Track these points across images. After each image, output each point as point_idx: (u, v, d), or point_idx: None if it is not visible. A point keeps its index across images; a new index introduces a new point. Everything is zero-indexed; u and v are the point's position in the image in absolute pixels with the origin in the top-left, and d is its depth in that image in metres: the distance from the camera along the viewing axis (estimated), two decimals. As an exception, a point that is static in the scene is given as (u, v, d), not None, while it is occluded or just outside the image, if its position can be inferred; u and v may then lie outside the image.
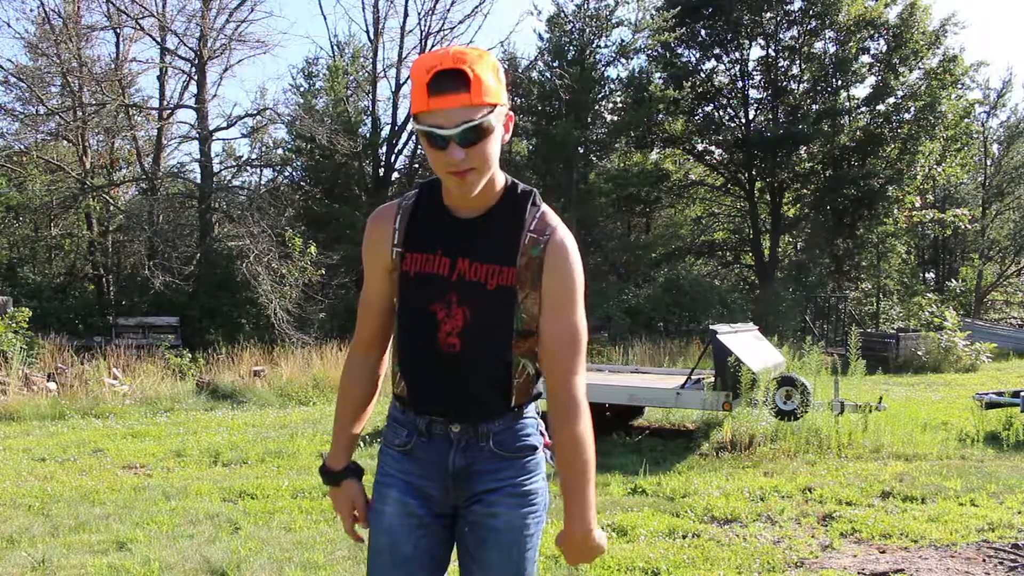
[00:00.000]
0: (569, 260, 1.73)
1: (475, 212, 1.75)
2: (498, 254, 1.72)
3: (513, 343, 1.75)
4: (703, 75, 24.61)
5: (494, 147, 1.66)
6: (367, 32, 22.66)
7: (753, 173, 24.56)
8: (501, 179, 1.75)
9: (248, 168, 23.24)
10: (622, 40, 21.74)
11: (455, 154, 1.60)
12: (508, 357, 1.75)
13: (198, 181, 19.65)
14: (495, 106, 1.62)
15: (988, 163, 30.92)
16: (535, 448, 1.84)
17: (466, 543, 1.83)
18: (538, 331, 1.74)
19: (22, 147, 19.05)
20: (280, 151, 23.05)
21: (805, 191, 25.18)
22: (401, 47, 22.39)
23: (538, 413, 1.88)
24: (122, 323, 16.33)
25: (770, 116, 24.76)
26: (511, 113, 1.70)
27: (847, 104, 24.38)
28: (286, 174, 23.32)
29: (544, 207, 1.79)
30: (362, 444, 7.65)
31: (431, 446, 1.81)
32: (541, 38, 22.30)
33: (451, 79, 1.58)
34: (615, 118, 22.95)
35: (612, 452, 7.19)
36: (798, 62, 24.34)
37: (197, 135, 19.04)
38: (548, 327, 1.72)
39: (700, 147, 25.71)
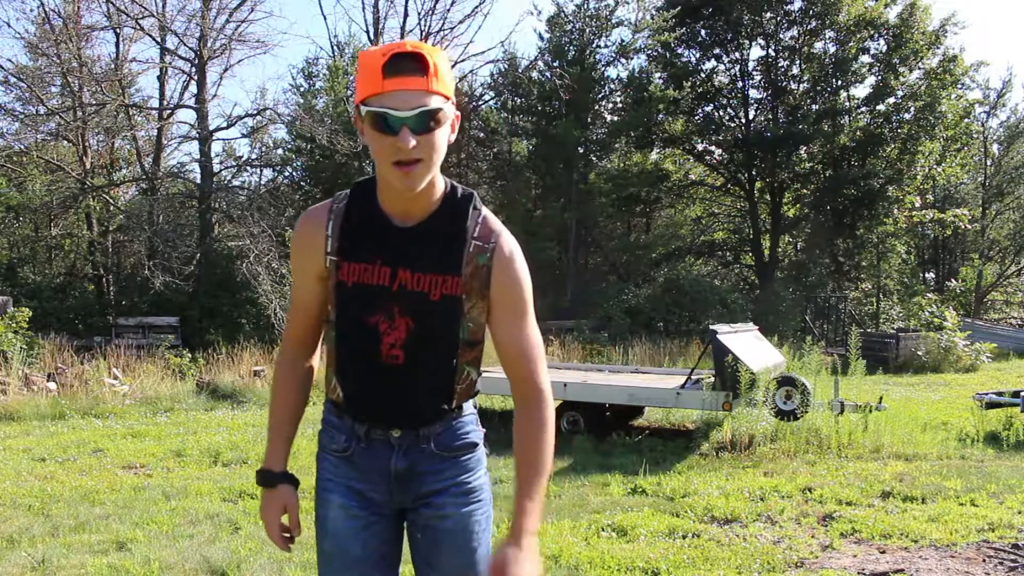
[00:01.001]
0: (516, 267, 1.70)
1: (414, 219, 1.66)
2: (442, 263, 1.65)
3: (459, 352, 1.71)
4: (703, 75, 24.62)
5: (443, 141, 1.58)
6: (367, 32, 22.67)
7: (753, 173, 24.56)
8: (441, 183, 1.68)
9: (248, 168, 23.25)
10: (622, 40, 21.76)
11: (407, 140, 1.51)
12: (452, 367, 1.71)
13: (198, 181, 19.65)
14: (448, 99, 1.57)
15: (988, 163, 30.92)
16: (475, 444, 1.81)
17: (419, 548, 1.80)
18: (488, 341, 1.75)
19: (22, 147, 19.05)
20: (280, 151, 23.06)
21: (805, 191, 25.18)
22: (401, 47, 22.42)
23: (475, 407, 1.86)
24: (122, 323, 16.33)
25: (770, 116, 24.76)
26: (459, 114, 1.64)
27: (847, 104, 24.38)
28: (286, 174, 23.33)
29: (485, 211, 1.71)
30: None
31: (371, 451, 1.76)
32: (541, 38, 22.33)
33: (409, 62, 1.52)
34: (615, 118, 22.96)
35: (612, 452, 7.19)
36: (798, 62, 24.34)
37: (197, 135, 19.04)
38: (507, 337, 1.70)
39: (700, 147, 25.71)
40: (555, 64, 21.17)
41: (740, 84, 24.90)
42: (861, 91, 24.93)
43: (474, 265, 1.66)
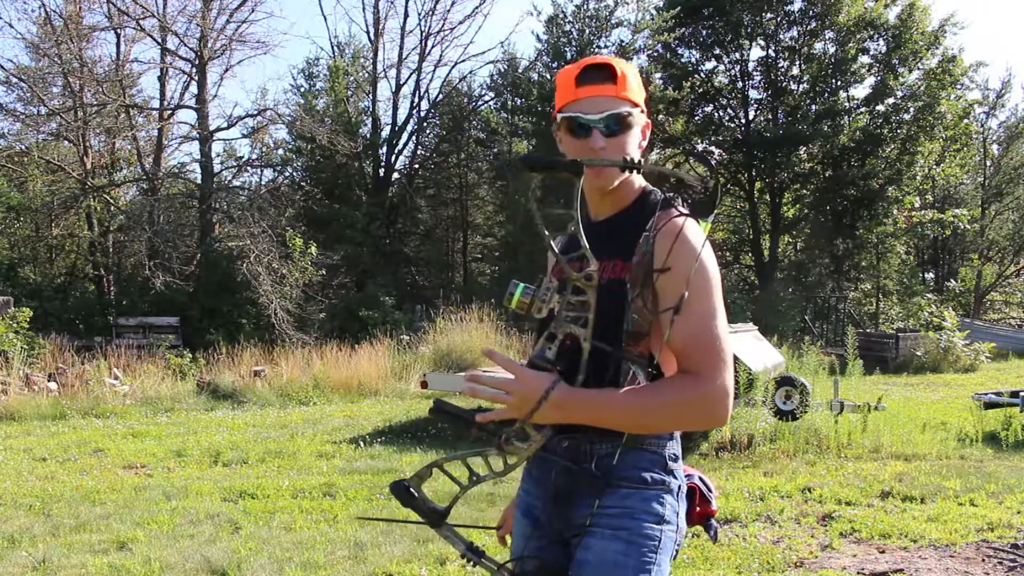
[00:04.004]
0: (687, 245, 1.55)
1: (604, 216, 1.73)
2: (615, 249, 1.63)
3: (624, 344, 1.59)
4: (703, 75, 24.62)
5: (633, 144, 1.66)
6: (367, 32, 22.75)
7: (753, 173, 24.57)
8: (637, 186, 1.71)
9: (248, 168, 23.30)
10: (622, 40, 21.75)
11: (597, 141, 1.62)
12: (617, 357, 1.58)
13: (198, 181, 19.68)
14: (637, 106, 1.67)
15: (987, 163, 30.92)
16: (647, 482, 1.61)
17: None
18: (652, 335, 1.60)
19: (23, 147, 19.07)
20: (280, 151, 23.10)
21: (805, 191, 25.18)
22: (401, 47, 22.47)
23: (672, 449, 1.67)
24: (123, 323, 16.36)
25: (770, 116, 24.77)
26: (649, 122, 1.72)
27: (847, 104, 24.38)
28: (286, 174, 23.38)
29: (679, 212, 1.62)
30: (361, 444, 7.67)
31: (543, 461, 1.66)
32: (540, 39, 22.32)
33: (599, 71, 1.64)
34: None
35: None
36: (798, 62, 24.35)
37: (197, 135, 19.07)
38: (674, 329, 1.54)
39: (700, 147, 25.72)
40: (555, 65, 21.16)
41: (740, 84, 24.91)
42: (861, 91, 24.96)
43: (640, 253, 1.60)
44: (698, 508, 1.75)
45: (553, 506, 1.65)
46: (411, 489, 1.65)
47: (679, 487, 1.67)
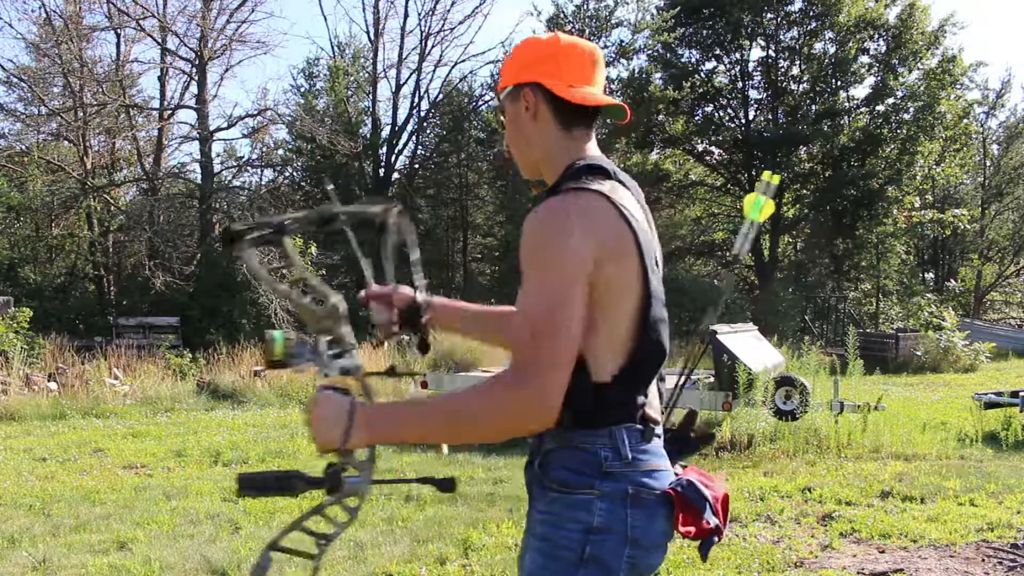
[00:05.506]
0: (527, 228, 1.41)
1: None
2: None
3: None
4: (703, 75, 24.63)
5: (515, 131, 1.59)
6: (367, 33, 22.74)
7: (753, 173, 24.55)
8: (563, 163, 1.54)
9: (249, 168, 23.30)
10: (622, 40, 21.77)
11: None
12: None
13: (199, 181, 19.69)
14: (505, 88, 1.60)
15: (987, 163, 30.93)
16: (570, 485, 1.43)
17: None
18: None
19: (23, 147, 19.08)
20: (281, 151, 23.10)
21: (805, 191, 25.19)
22: (401, 47, 22.45)
23: (610, 447, 1.44)
24: (123, 323, 16.37)
25: (770, 116, 24.78)
26: (528, 90, 1.54)
27: (847, 104, 24.40)
28: (286, 174, 23.38)
29: (569, 187, 1.46)
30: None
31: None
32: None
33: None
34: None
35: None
36: (798, 63, 24.36)
37: (198, 135, 19.08)
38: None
39: (700, 147, 25.72)
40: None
41: (740, 84, 24.92)
42: (861, 91, 24.99)
43: None
44: (680, 526, 1.45)
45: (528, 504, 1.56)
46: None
47: (629, 492, 1.42)
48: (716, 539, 1.49)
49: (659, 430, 1.52)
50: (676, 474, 1.52)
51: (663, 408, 1.59)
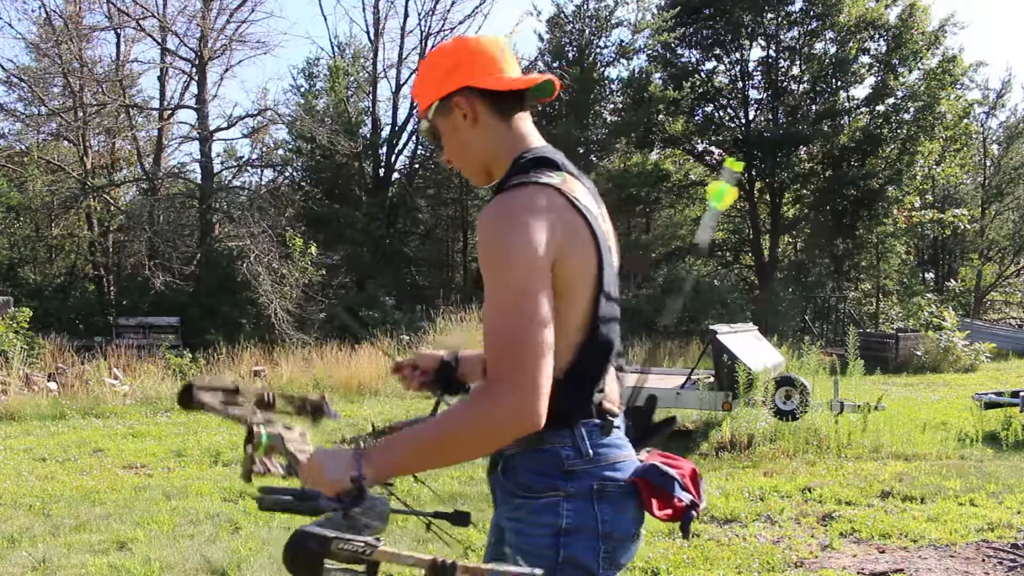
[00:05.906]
0: (480, 230, 1.38)
1: None
2: None
3: None
4: (703, 75, 24.62)
5: (454, 141, 1.56)
6: (367, 33, 22.74)
7: (753, 173, 24.56)
8: (510, 157, 1.52)
9: (248, 168, 23.29)
10: (622, 40, 21.77)
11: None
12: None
13: (199, 181, 19.68)
14: (430, 106, 1.56)
15: (987, 163, 30.92)
16: (534, 489, 1.42)
17: None
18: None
19: (23, 147, 19.09)
20: (280, 151, 23.10)
21: (805, 191, 25.19)
22: (401, 48, 22.46)
23: (577, 448, 1.43)
24: (123, 323, 16.37)
25: (770, 116, 24.77)
26: (459, 97, 1.52)
27: (847, 104, 24.39)
28: (286, 174, 23.38)
29: (518, 182, 1.43)
30: (362, 444, 7.66)
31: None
32: (541, 39, 22.34)
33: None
34: (615, 118, 22.96)
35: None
36: (798, 62, 24.36)
37: (198, 135, 19.08)
38: None
39: (700, 147, 25.72)
40: (555, 64, 21.18)
41: (740, 84, 24.91)
42: (861, 91, 24.98)
43: None
44: (656, 511, 1.45)
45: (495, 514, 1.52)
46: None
47: (595, 487, 1.42)
48: (694, 514, 1.48)
49: (618, 421, 1.50)
50: (640, 460, 1.50)
51: (621, 403, 1.57)
